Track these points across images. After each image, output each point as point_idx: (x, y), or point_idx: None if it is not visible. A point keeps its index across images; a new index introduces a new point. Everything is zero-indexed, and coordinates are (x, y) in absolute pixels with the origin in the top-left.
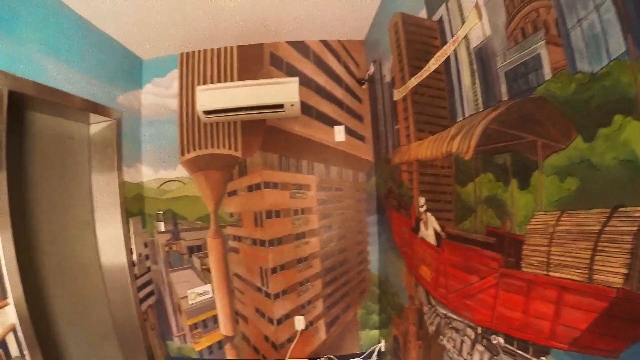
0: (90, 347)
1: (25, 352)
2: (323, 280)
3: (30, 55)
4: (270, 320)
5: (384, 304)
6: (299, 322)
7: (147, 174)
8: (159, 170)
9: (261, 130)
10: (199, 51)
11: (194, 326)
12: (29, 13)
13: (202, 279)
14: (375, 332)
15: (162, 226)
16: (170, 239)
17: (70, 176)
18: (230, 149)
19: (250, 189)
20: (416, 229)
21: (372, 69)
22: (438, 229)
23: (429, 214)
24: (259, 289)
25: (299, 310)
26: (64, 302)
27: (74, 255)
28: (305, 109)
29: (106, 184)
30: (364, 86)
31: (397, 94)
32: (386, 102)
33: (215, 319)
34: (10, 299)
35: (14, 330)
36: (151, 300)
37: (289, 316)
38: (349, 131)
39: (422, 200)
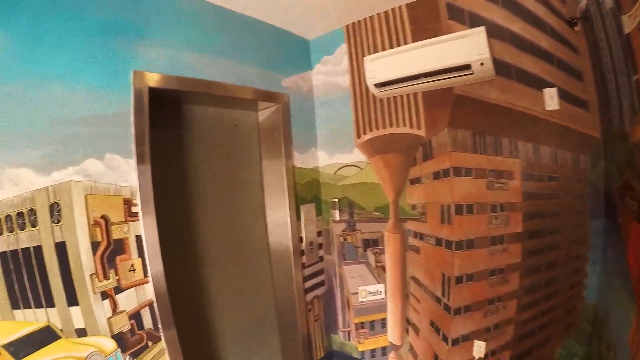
0: (249, 327)
1: (159, 326)
2: (519, 302)
3: (178, 54)
4: (445, 338)
5: (594, 353)
6: (479, 348)
7: (322, 159)
8: (335, 154)
9: (448, 101)
10: (365, 19)
11: (361, 325)
12: (169, 16)
13: (376, 276)
14: None
15: (337, 215)
16: (345, 229)
17: (242, 163)
18: (411, 127)
19: (436, 176)
20: None
21: (584, 0)
22: None
23: None
24: (438, 300)
25: (481, 333)
26: (231, 281)
27: (246, 238)
28: (501, 68)
29: (274, 169)
30: (577, 28)
31: (629, 22)
32: (613, 42)
33: (383, 322)
34: (149, 278)
35: (150, 305)
36: (320, 291)
37: (468, 338)
38: (563, 95)
39: None
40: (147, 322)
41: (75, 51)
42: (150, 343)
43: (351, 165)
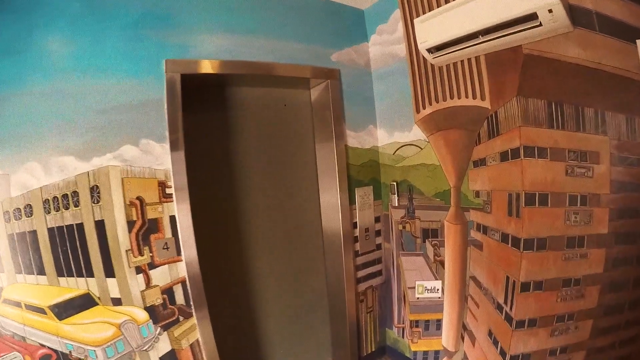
0: (297, 313)
1: (191, 303)
2: (595, 323)
3: (211, 38)
4: (503, 354)
5: None
6: None
7: (382, 138)
8: (394, 133)
9: (515, 63)
10: None
11: (415, 323)
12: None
13: (434, 272)
14: None
15: (395, 200)
16: (404, 216)
17: (294, 143)
18: (474, 97)
19: (503, 157)
20: None
21: None
22: None
23: None
24: (500, 307)
25: (544, 355)
26: (280, 265)
27: (297, 222)
28: (580, 16)
29: (325, 149)
30: None
31: None
32: None
33: (439, 324)
34: (183, 257)
35: (183, 282)
36: (376, 281)
37: (528, 358)
38: None
39: None
40: (180, 298)
41: (111, 46)
42: (181, 318)
43: (411, 145)
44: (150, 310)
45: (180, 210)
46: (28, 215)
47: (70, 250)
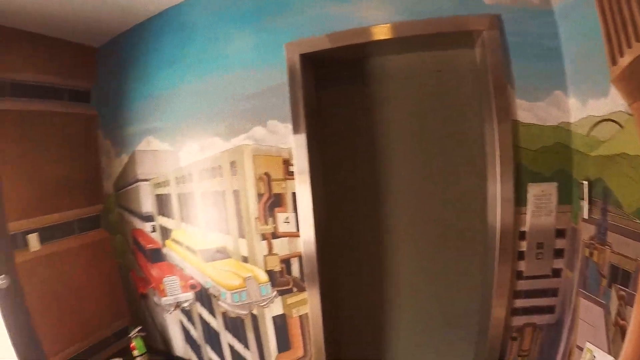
0: (435, 320)
1: (305, 279)
2: None
3: (325, 12)
4: None
5: None
6: None
7: (574, 110)
8: (587, 101)
9: None
10: None
11: None
12: None
13: (609, 339)
14: None
15: (584, 209)
16: (594, 236)
17: (451, 118)
18: None
19: None
20: None
21: None
22: None
23: None
24: None
25: None
26: (423, 261)
27: (455, 217)
28: None
29: (489, 126)
30: None
31: None
32: None
33: None
34: (301, 234)
35: (300, 257)
36: (543, 319)
37: None
38: None
39: None
40: (295, 270)
41: (239, 43)
42: (295, 289)
43: (607, 120)
44: (270, 274)
45: (300, 190)
46: (189, 181)
47: (215, 211)
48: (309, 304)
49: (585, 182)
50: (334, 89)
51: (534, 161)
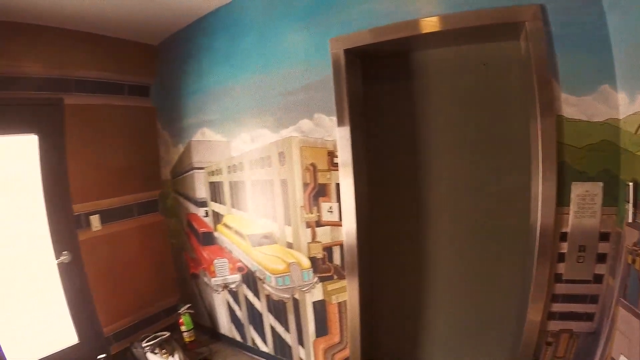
0: (471, 322)
1: (346, 267)
2: None
3: (370, 6)
4: None
5: None
6: None
7: (623, 105)
8: (637, 96)
9: None
10: None
11: None
12: None
13: None
14: None
15: (629, 212)
16: (638, 242)
17: (498, 113)
18: None
19: None
20: None
21: None
22: None
23: None
24: None
25: None
26: (461, 259)
27: (499, 215)
28: None
29: (532, 122)
30: None
31: None
32: None
33: None
34: (343, 224)
35: (341, 245)
36: (581, 326)
37: None
38: None
39: None
40: (337, 258)
41: (288, 39)
42: (335, 276)
43: None
44: (313, 260)
45: (343, 182)
46: (240, 170)
47: (265, 198)
48: (347, 292)
49: (631, 184)
50: (379, 83)
51: (578, 159)
